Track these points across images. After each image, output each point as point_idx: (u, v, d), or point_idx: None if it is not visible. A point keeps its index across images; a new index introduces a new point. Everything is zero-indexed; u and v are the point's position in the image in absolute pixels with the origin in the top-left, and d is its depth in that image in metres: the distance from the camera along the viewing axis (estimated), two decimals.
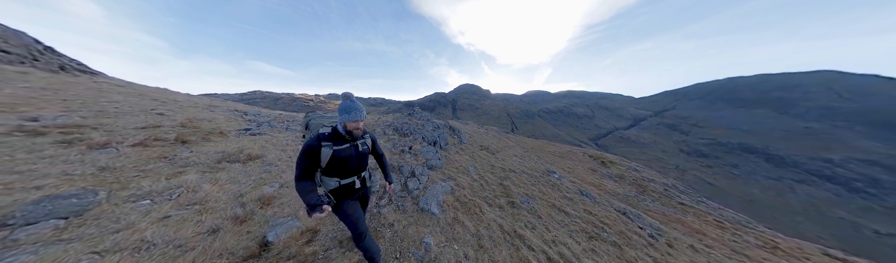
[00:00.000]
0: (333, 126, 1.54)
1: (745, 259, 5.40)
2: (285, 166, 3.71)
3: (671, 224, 7.02)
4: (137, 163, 3.02)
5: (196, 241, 1.94)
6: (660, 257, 3.68)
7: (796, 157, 51.69)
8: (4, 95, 4.26)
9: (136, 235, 1.89)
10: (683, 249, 4.71)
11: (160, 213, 2.20)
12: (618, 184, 11.89)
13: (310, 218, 1.28)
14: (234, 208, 2.45)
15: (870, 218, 41.52)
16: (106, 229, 1.92)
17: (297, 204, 2.75)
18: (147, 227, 2.00)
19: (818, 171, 48.21)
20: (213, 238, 2.01)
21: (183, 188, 2.61)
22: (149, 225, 2.02)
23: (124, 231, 1.91)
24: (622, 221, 4.71)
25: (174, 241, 1.91)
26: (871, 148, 49.36)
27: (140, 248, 1.78)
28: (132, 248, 1.77)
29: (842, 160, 47.02)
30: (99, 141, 3.22)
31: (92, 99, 5.37)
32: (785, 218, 41.58)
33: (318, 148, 1.41)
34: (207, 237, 2.01)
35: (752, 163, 54.44)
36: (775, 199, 45.66)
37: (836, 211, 42.38)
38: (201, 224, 2.13)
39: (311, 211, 1.23)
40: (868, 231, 39.49)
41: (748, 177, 50.74)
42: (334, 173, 1.53)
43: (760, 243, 8.41)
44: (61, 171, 2.53)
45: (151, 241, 1.85)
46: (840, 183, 45.50)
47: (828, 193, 45.24)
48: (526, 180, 5.66)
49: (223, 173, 3.17)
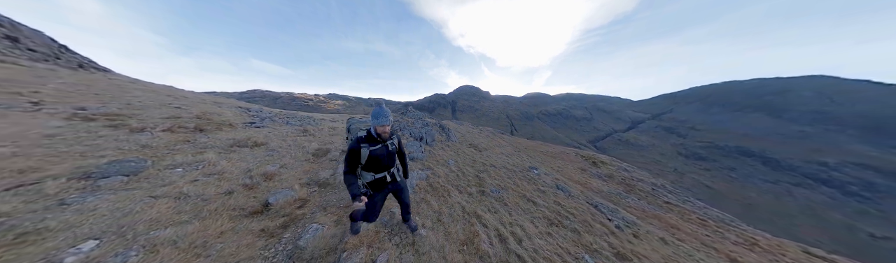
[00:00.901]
0: (368, 129, 1.81)
1: (712, 251, 5.62)
2: (285, 152, 4.28)
3: (648, 220, 7.24)
4: (168, 144, 3.80)
5: (217, 198, 2.64)
6: (618, 244, 3.90)
7: (792, 161, 51.94)
8: (50, 89, 4.91)
9: (176, 189, 2.69)
10: (651, 240, 4.93)
11: (190, 178, 2.96)
12: (606, 183, 12.12)
13: (352, 204, 1.64)
14: (244, 179, 3.14)
15: (865, 221, 41.58)
16: (155, 184, 2.76)
17: (293, 179, 3.19)
18: (183, 185, 2.80)
19: (814, 175, 48.42)
20: (228, 197, 2.73)
21: (205, 162, 3.35)
22: (184, 185, 2.81)
23: (167, 186, 2.74)
24: (591, 212, 4.94)
25: (202, 196, 2.64)
26: (863, 152, 49.67)
27: (179, 197, 2.57)
28: (174, 197, 2.57)
29: (836, 163, 47.30)
30: (137, 127, 4.03)
31: (118, 93, 5.87)
32: (783, 221, 41.59)
33: (359, 148, 1.72)
34: (224, 196, 2.73)
35: (750, 166, 54.62)
36: (774, 203, 45.71)
37: (833, 215, 42.44)
38: (220, 187, 2.87)
39: (354, 199, 1.57)
40: (863, 234, 39.52)
41: (746, 181, 50.84)
42: (370, 168, 1.83)
43: (740, 240, 8.62)
44: (115, 146, 3.38)
45: (187, 194, 2.63)
46: (835, 187, 45.68)
47: (824, 196, 45.35)
48: (504, 174, 5.90)
49: (235, 154, 3.94)
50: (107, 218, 2.08)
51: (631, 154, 62.07)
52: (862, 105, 64.72)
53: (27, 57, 6.94)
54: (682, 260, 4.25)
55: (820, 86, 74.74)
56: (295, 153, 4.26)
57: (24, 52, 7.19)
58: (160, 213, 2.25)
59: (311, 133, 5.77)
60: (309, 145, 4.80)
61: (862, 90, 70.76)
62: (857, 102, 65.86)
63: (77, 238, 1.79)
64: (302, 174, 3.53)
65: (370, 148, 1.75)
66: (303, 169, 3.66)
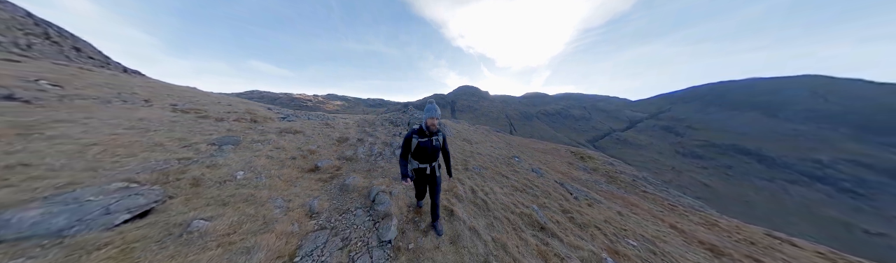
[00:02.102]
0: (420, 124, 2.17)
1: (659, 221, 6.85)
2: (317, 138, 5.89)
3: (614, 200, 8.46)
4: (242, 129, 5.32)
5: (287, 161, 4.17)
6: (569, 206, 5.16)
7: (787, 158, 52.74)
8: (141, 90, 6.20)
9: (264, 153, 4.20)
10: (603, 209, 6.15)
11: (268, 149, 4.47)
12: (588, 174, 13.33)
13: (401, 182, 2.56)
14: (297, 152, 4.64)
15: (859, 217, 42.24)
16: (251, 150, 4.26)
17: (328, 154, 4.75)
18: (266, 152, 4.27)
19: (809, 172, 49.19)
20: (293, 160, 4.25)
21: (271, 141, 4.86)
22: (267, 151, 4.28)
23: (259, 151, 4.27)
24: (555, 188, 6.22)
25: (279, 158, 4.18)
26: (855, 150, 50.48)
27: (269, 157, 4.09)
28: (266, 156, 4.08)
29: (830, 161, 48.12)
30: (217, 118, 5.47)
31: (177, 93, 7.26)
32: (780, 219, 42.24)
33: (411, 138, 2.13)
34: (291, 159, 4.26)
35: (746, 164, 55.40)
36: (770, 200, 46.40)
37: (828, 211, 43.12)
38: (287, 155, 4.41)
39: (402, 178, 2.16)
40: (858, 230, 40.18)
41: (742, 178, 51.61)
42: (416, 157, 2.24)
43: (702, 221, 9.77)
44: (214, 129, 4.83)
45: (271, 156, 4.16)
46: (830, 184, 46.43)
47: (819, 194, 46.06)
48: (488, 160, 7.20)
49: (287, 137, 5.44)
50: (240, 163, 3.57)
51: (629, 153, 62.93)
52: (854, 103, 65.73)
53: (91, 64, 8.32)
54: (619, 220, 5.52)
55: (813, 86, 75.82)
56: (324, 139, 5.65)
57: (88, 60, 8.59)
58: (262, 164, 3.72)
59: (331, 126, 7.19)
60: (333, 134, 6.20)
61: (853, 89, 71.81)
62: (849, 101, 66.89)
63: (233, 170, 3.25)
64: (333, 152, 4.90)
65: (419, 139, 2.11)
66: (333, 149, 5.03)
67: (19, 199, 1.80)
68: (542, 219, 3.55)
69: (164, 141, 3.54)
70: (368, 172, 4.07)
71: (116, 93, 5.16)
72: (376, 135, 6.75)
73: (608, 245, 3.48)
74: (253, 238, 1.96)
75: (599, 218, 5.08)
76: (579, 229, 3.93)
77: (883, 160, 46.74)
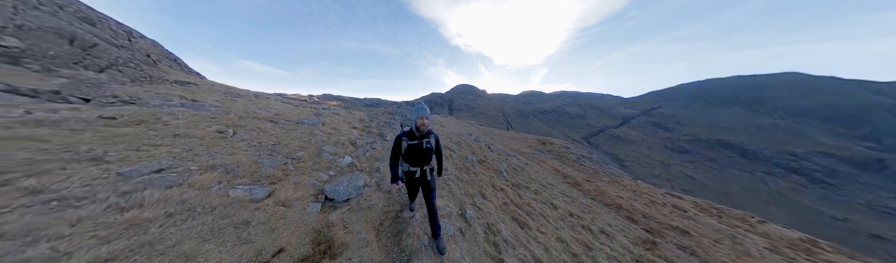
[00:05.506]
0: (411, 127, 2.17)
1: (549, 168, 10.94)
2: (344, 126, 9.75)
3: (533, 160, 12.57)
4: (305, 114, 9.12)
5: (342, 134, 7.80)
6: (481, 153, 9.37)
7: (766, 151, 55.89)
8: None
9: (329, 127, 7.93)
10: (510, 160, 10.33)
11: (327, 127, 8.18)
12: (536, 152, 17.42)
13: (391, 186, 2.14)
14: (344, 124, 8.65)
15: (828, 205, 45.39)
16: (329, 126, 7.96)
17: (361, 124, 8.81)
18: (326, 129, 7.97)
19: (785, 164, 52.31)
20: (349, 125, 8.55)
21: (324, 123, 8.63)
22: (327, 129, 7.99)
23: (327, 125, 7.98)
24: (482, 148, 10.41)
25: (335, 130, 7.96)
26: (827, 142, 53.54)
27: (335, 128, 7.88)
28: (331, 128, 7.74)
29: (804, 153, 51.27)
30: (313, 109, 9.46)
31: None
32: (758, 207, 45.53)
33: (400, 140, 2.16)
34: (340, 132, 8.02)
35: (729, 158, 58.52)
36: (749, 191, 49.75)
37: (801, 200, 46.32)
38: (338, 130, 8.10)
39: (392, 182, 2.13)
40: (826, 217, 43.43)
41: (725, 171, 54.79)
42: (407, 160, 2.22)
43: (609, 180, 13.80)
44: (310, 111, 8.70)
45: (335, 128, 7.89)
46: (804, 175, 49.53)
47: (794, 184, 49.19)
48: (446, 136, 11.42)
49: (328, 124, 9.20)
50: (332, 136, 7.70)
51: (622, 148, 66.11)
52: (828, 98, 68.60)
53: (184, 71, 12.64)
54: (519, 164, 9.71)
55: (791, 82, 78.57)
56: (355, 118, 9.95)
57: (184, 67, 12.98)
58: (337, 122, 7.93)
59: (352, 114, 11.57)
60: (356, 117, 10.53)
61: (828, 86, 74.63)
62: (822, 96, 69.85)
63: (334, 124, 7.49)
64: (360, 123, 9.21)
65: (408, 141, 2.10)
66: (360, 123, 9.35)
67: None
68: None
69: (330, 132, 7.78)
70: (379, 128, 8.34)
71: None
72: (379, 119, 11.06)
73: (493, 168, 7.71)
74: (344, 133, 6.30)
75: (496, 160, 9.28)
76: (481, 165, 8.20)
77: (853, 152, 49.80)
